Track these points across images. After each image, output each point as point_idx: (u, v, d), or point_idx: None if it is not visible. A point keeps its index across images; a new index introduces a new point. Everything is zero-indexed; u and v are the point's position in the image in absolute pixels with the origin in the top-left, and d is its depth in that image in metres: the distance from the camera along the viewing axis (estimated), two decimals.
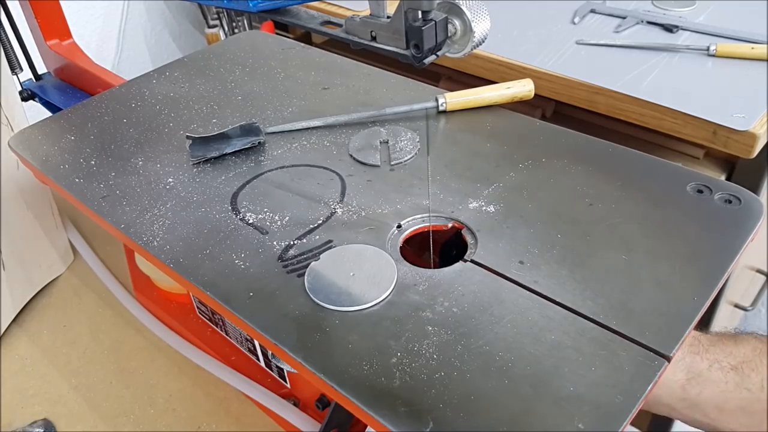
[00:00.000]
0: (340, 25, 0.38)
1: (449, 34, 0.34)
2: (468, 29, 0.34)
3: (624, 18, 0.99)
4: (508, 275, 0.39)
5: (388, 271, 0.39)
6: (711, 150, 0.81)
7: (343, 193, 0.46)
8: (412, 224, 0.43)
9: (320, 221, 0.44)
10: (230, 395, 0.54)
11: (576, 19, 1.00)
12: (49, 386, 0.57)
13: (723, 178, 0.80)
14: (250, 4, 0.37)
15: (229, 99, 0.59)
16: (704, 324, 0.93)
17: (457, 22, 0.34)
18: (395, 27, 0.34)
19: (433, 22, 0.33)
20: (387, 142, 0.51)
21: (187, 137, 0.51)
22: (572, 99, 0.81)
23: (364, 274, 0.39)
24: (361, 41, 0.37)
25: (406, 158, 0.49)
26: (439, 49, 0.34)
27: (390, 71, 0.61)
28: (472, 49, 0.35)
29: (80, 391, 0.56)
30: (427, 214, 0.44)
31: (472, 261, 0.40)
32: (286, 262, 0.41)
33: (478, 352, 0.34)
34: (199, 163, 0.51)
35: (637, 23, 0.97)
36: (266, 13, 0.38)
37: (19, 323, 0.63)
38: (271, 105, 0.58)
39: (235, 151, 0.51)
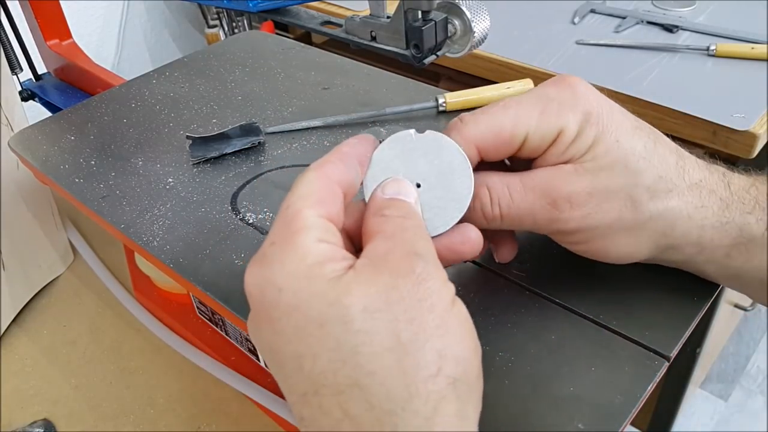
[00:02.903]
0: (340, 25, 0.38)
1: (449, 34, 0.34)
2: (468, 29, 0.34)
3: (624, 18, 0.99)
4: (508, 275, 0.39)
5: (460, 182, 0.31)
6: (711, 150, 0.81)
7: None
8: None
9: None
10: (230, 396, 0.54)
11: (576, 19, 1.00)
12: (49, 386, 0.57)
13: None
14: (250, 4, 0.37)
15: (229, 99, 0.59)
16: (704, 324, 0.94)
17: (456, 22, 0.34)
18: (395, 27, 0.34)
19: (433, 22, 0.33)
20: None
21: (187, 137, 0.51)
22: None
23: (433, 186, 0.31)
24: (361, 41, 0.37)
25: None
26: (439, 49, 0.34)
27: (390, 71, 0.61)
28: (472, 49, 0.35)
29: (80, 391, 0.56)
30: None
31: (472, 261, 0.40)
32: None
33: None
34: (199, 163, 0.51)
35: (637, 23, 0.98)
36: (266, 13, 0.38)
37: (19, 323, 0.63)
38: (271, 105, 0.58)
39: (235, 151, 0.51)
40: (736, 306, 1.09)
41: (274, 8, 0.38)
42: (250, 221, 0.45)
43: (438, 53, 0.34)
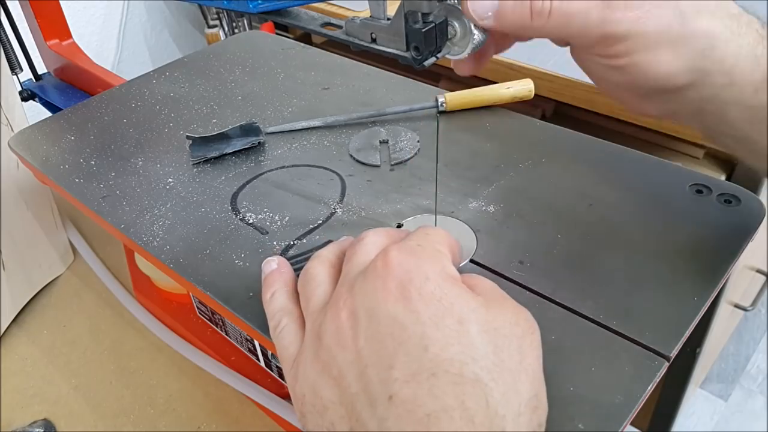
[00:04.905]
0: (340, 27, 0.38)
1: (449, 36, 0.34)
2: (468, 31, 0.34)
3: None
4: (508, 275, 0.38)
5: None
6: (711, 150, 0.81)
7: (343, 193, 0.46)
8: (413, 224, 0.43)
9: (320, 221, 0.44)
10: (230, 395, 0.54)
11: None
12: (49, 386, 0.57)
13: (723, 178, 0.80)
14: (250, 6, 0.37)
15: (229, 99, 0.59)
16: (704, 324, 0.94)
17: (456, 24, 0.34)
18: (395, 29, 0.34)
19: (434, 24, 0.33)
20: (387, 142, 0.51)
21: (187, 137, 0.51)
22: (572, 99, 0.81)
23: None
24: (361, 43, 0.37)
25: (406, 158, 0.49)
26: (439, 51, 0.34)
27: (390, 71, 0.61)
28: (472, 51, 0.35)
29: (80, 391, 0.56)
30: (428, 214, 0.44)
31: (472, 261, 0.40)
32: None
33: None
34: (199, 163, 0.51)
35: None
36: (266, 15, 0.38)
37: (19, 323, 0.63)
38: (271, 105, 0.58)
39: (235, 151, 0.51)
40: (736, 306, 1.09)
41: (274, 9, 0.38)
42: (250, 221, 0.45)
43: (438, 55, 0.34)
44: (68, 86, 0.80)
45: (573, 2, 0.32)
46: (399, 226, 0.43)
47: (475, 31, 0.34)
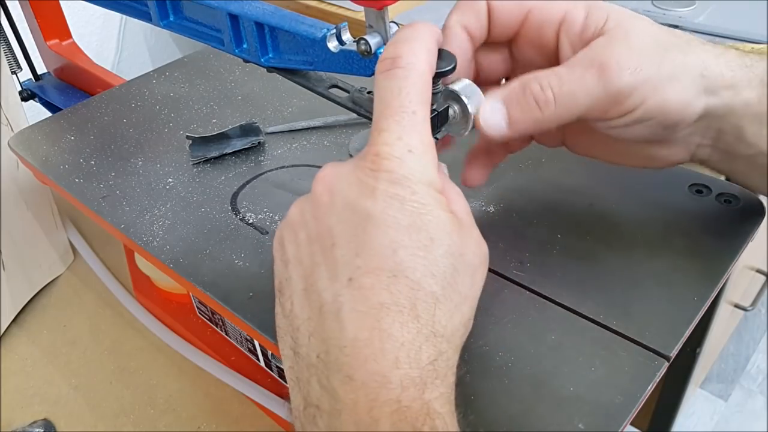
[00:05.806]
0: (347, 91, 0.38)
1: (450, 118, 0.36)
2: (467, 113, 0.35)
3: None
4: (508, 275, 0.39)
5: None
6: None
7: None
8: None
9: None
10: (230, 395, 0.54)
11: None
12: (49, 386, 0.57)
13: (723, 178, 0.80)
14: (262, 60, 0.38)
15: (229, 99, 0.59)
16: (704, 324, 0.94)
17: (456, 107, 0.35)
18: None
19: (437, 113, 0.34)
20: None
21: (187, 137, 0.51)
22: None
23: None
24: (367, 114, 0.38)
25: None
26: (439, 132, 0.35)
27: None
28: (470, 131, 0.36)
29: (80, 391, 0.56)
30: None
31: None
32: None
33: (478, 352, 0.34)
34: (199, 163, 0.51)
35: None
36: (276, 70, 0.39)
37: (19, 323, 0.63)
38: (271, 105, 0.58)
39: (235, 151, 0.52)
40: (736, 306, 1.09)
41: (284, 67, 0.39)
42: (250, 221, 0.45)
43: (438, 136, 0.36)
44: (68, 86, 0.80)
45: (570, 80, 0.33)
46: None
47: (471, 111, 0.35)
